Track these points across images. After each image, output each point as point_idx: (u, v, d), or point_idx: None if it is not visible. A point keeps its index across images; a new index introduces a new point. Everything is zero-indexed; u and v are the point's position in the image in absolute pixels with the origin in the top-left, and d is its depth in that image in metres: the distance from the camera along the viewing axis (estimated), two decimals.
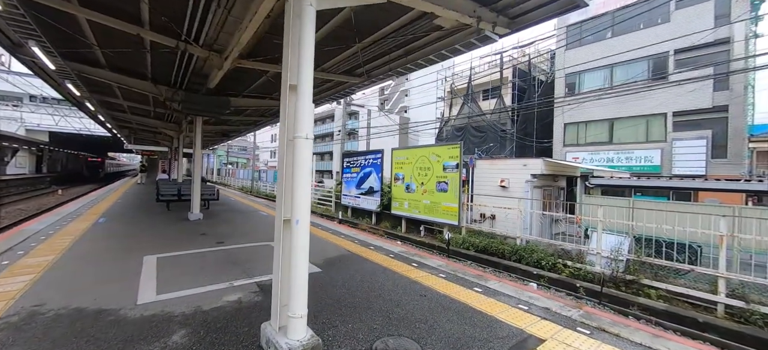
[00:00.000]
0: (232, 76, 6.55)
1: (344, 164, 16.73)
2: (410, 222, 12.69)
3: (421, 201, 11.98)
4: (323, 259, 5.54)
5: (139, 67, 6.98)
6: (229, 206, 12.26)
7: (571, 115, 18.28)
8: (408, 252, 6.38)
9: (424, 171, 11.98)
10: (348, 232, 8.23)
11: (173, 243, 6.16)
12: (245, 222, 8.63)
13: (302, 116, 2.41)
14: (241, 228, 7.93)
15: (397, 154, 13.47)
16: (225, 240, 6.46)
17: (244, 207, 12.13)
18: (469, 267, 6.63)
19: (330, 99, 9.06)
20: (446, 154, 11.14)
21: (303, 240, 2.50)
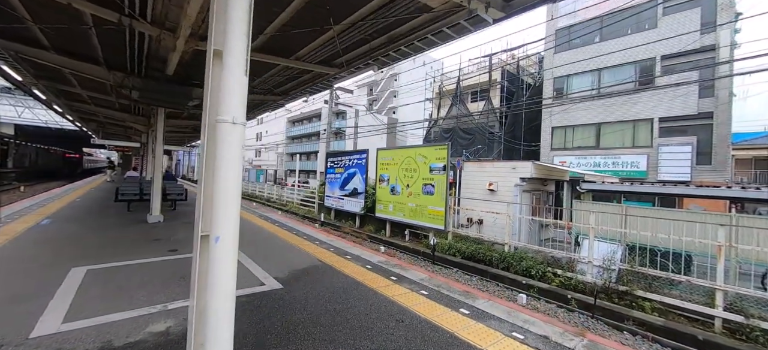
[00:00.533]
0: (193, 62, 5.82)
1: (328, 164, 16.03)
2: (395, 226, 12.10)
3: (406, 204, 11.42)
4: (289, 272, 4.86)
5: (88, 50, 6.15)
6: None
7: (559, 118, 18.12)
8: (388, 261, 5.74)
9: (410, 172, 11.43)
10: (325, 238, 7.54)
11: (117, 250, 5.37)
12: None
13: (230, 93, 1.77)
14: None
15: (382, 155, 12.88)
16: (180, 248, 5.71)
17: None
18: (455, 282, 6.05)
19: (308, 92, 8.38)
20: (433, 155, 10.61)
21: (227, 265, 1.84)
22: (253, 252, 5.59)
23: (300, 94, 8.29)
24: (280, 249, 5.80)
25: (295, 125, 50.69)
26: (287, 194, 20.76)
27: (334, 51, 5.35)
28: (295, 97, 8.58)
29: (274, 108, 11.20)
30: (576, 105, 17.18)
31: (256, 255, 5.44)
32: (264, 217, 9.81)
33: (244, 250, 5.59)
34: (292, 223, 9.07)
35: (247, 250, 5.61)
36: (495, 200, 9.41)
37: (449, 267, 8.66)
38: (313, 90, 8.17)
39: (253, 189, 25.80)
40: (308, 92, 8.37)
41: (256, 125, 63.79)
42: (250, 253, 5.48)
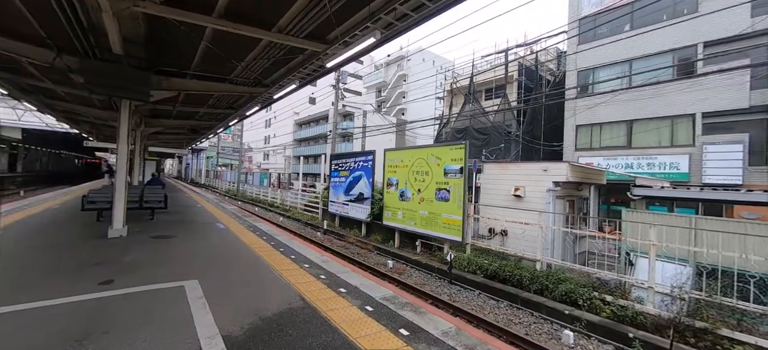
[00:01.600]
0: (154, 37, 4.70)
1: (332, 167, 14.87)
2: (405, 235, 10.81)
3: (417, 211, 10.13)
4: (251, 323, 3.30)
5: (25, 26, 5.09)
6: (182, 216, 9.75)
7: (584, 115, 16.55)
8: (396, 297, 4.28)
9: (421, 176, 10.14)
10: (318, 258, 6.07)
11: (38, 281, 4.12)
12: (181, 243, 6.34)
13: None
14: (168, 252, 5.70)
15: (390, 156, 11.63)
16: (119, 278, 4.30)
17: (200, 219, 9.53)
18: (495, 339, 4.60)
19: (300, 79, 7.18)
20: (448, 155, 9.31)
21: None
22: (214, 286, 4.18)
23: (291, 80, 7.12)
24: (256, 279, 4.45)
25: (302, 127, 49.94)
26: (290, 198, 19.69)
27: (324, 17, 4.14)
28: (286, 85, 7.42)
29: (265, 103, 10.09)
30: (603, 100, 15.62)
31: (215, 292, 3.98)
32: (253, 228, 8.61)
33: (205, 281, 4.39)
34: (285, 237, 7.79)
35: (208, 281, 4.33)
36: (522, 208, 8.03)
37: (469, 288, 7.32)
38: (307, 76, 7.00)
39: (257, 194, 24.87)
40: (300, 79, 7.20)
41: (263, 128, 63.43)
42: (209, 288, 4.10)
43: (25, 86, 7.89)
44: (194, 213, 11.03)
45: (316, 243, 10.86)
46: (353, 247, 10.85)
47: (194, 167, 60.72)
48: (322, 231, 13.17)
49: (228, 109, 10.66)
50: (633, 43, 14.95)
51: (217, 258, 5.49)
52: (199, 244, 6.40)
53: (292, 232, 12.62)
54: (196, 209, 12.01)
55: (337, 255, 9.45)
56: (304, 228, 14.36)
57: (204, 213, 11.03)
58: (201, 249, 6.11)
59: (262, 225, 9.05)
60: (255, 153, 63.21)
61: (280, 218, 16.45)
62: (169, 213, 9.74)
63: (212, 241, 6.73)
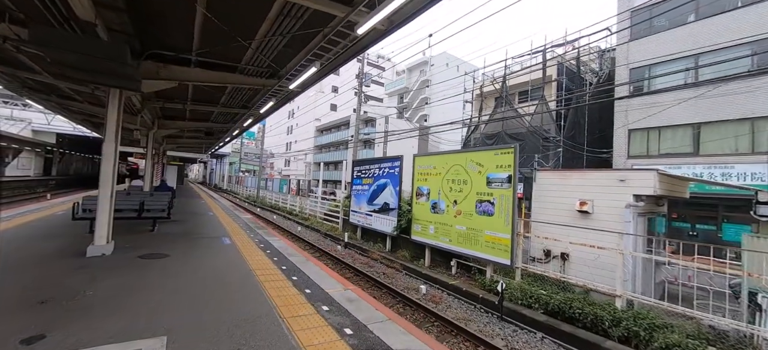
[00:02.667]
0: None
1: (354, 174, 13.71)
2: (437, 253, 9.41)
3: (452, 226, 8.72)
4: None
5: None
6: (187, 227, 8.60)
7: (638, 118, 14.57)
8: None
9: (458, 185, 8.75)
10: (341, 295, 4.89)
11: None
12: (172, 266, 5.14)
13: None
14: (148, 282, 4.44)
15: (420, 162, 10.31)
16: (56, 331, 3.01)
17: (207, 231, 8.31)
18: None
19: (322, 62, 5.98)
20: (492, 161, 7.88)
21: None
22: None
23: (310, 64, 5.97)
24: (252, 338, 3.19)
25: (323, 134, 49.58)
26: (309, 206, 18.71)
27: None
28: (304, 70, 6.27)
29: (282, 100, 9.04)
30: (663, 101, 13.65)
31: None
32: (265, 244, 7.45)
33: (175, 340, 3.08)
34: (300, 257, 6.55)
35: (179, 341, 3.02)
36: (590, 226, 6.46)
37: (528, 329, 5.80)
38: (331, 58, 5.85)
39: (276, 200, 24.15)
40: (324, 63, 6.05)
41: (285, 135, 63.88)
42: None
43: (26, 81, 7.28)
44: (202, 223, 9.96)
45: (335, 260, 9.65)
46: (378, 265, 9.55)
47: (218, 173, 61.80)
48: (342, 244, 11.97)
49: (242, 108, 9.77)
50: (700, 34, 12.98)
51: (207, 295, 4.18)
52: (193, 269, 5.15)
53: (309, 247, 11.51)
54: (206, 218, 11.03)
55: (362, 277, 8.17)
56: (322, 239, 13.23)
57: (213, 224, 9.95)
58: (192, 277, 4.80)
59: (275, 241, 7.86)
60: (276, 159, 63.67)
61: (298, 228, 15.44)
62: (175, 223, 8.83)
63: (211, 265, 5.41)
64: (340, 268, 9.00)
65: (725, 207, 12.54)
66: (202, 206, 14.44)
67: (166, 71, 5.60)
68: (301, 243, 12.03)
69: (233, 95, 8.32)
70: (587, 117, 17.49)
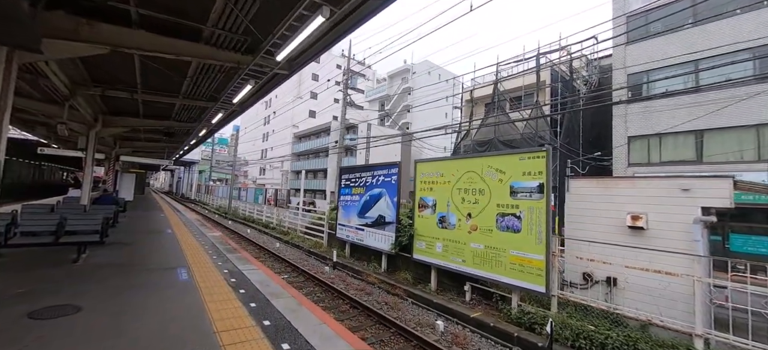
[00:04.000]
0: None
1: (342, 183, 12.14)
2: (445, 275, 8.03)
3: (466, 244, 7.38)
4: None
5: None
6: (129, 255, 6.31)
7: (639, 124, 14.08)
8: None
9: (472, 195, 7.44)
10: (325, 329, 3.35)
11: None
12: (88, 324, 3.33)
13: None
14: None
15: (424, 169, 8.95)
16: None
17: (156, 260, 6.19)
18: None
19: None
20: (517, 168, 6.65)
21: None
22: None
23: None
24: None
25: (301, 141, 47.40)
26: (289, 218, 16.80)
27: None
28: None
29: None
30: (662, 107, 13.23)
31: None
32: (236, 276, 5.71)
33: None
34: (278, 286, 4.96)
35: None
36: (644, 245, 5.31)
37: None
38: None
39: (250, 212, 21.92)
40: None
41: (261, 141, 60.86)
42: None
43: None
44: (154, 247, 7.55)
45: (325, 288, 8.00)
46: (377, 291, 7.99)
47: (185, 181, 57.57)
48: (330, 264, 10.30)
49: (209, 101, 7.91)
50: (700, 39, 12.70)
51: None
52: (116, 335, 3.18)
53: (290, 269, 9.75)
54: (162, 239, 8.65)
55: (362, 311, 6.58)
56: (306, 259, 11.47)
57: (168, 247, 7.60)
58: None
59: (251, 272, 5.95)
60: (251, 166, 60.43)
61: (276, 244, 13.54)
62: (113, 249, 6.58)
63: (148, 324, 3.41)
64: (332, 298, 7.36)
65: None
66: (160, 222, 12.21)
67: (90, 30, 3.91)
68: (281, 266, 10.23)
69: (199, 81, 6.58)
70: (581, 123, 16.99)
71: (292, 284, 8.16)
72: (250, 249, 12.20)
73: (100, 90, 6.74)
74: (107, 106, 8.68)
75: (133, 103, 8.11)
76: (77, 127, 8.58)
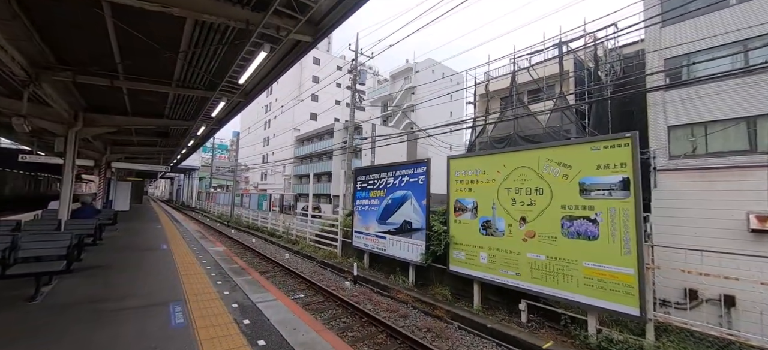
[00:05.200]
0: None
1: (358, 185, 10.90)
2: (491, 290, 6.79)
3: (520, 253, 6.14)
4: None
5: None
6: (113, 285, 5.08)
7: (679, 113, 12.82)
8: None
9: (526, 195, 6.21)
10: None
11: None
12: None
13: None
14: None
15: (459, 166, 7.72)
16: None
17: (147, 290, 4.92)
18: None
19: None
20: (589, 160, 5.42)
21: None
22: None
23: None
24: None
25: (303, 144, 46.21)
26: (296, 226, 15.55)
27: None
28: None
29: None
30: (706, 93, 11.98)
31: None
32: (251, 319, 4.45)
33: None
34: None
35: None
36: None
37: None
38: None
39: (254, 219, 20.66)
40: None
41: (262, 146, 59.68)
42: None
43: None
44: (142, 271, 6.13)
45: (351, 310, 6.74)
46: (413, 312, 6.73)
47: (186, 189, 56.31)
48: (350, 278, 9.04)
49: (208, 90, 6.66)
50: (745, 16, 11.47)
51: None
52: None
53: (305, 285, 8.48)
54: (154, 258, 7.23)
55: (402, 341, 5.31)
56: (321, 272, 10.21)
57: (161, 270, 6.25)
58: None
59: (269, 306, 4.62)
60: (252, 172, 59.24)
61: (286, 255, 12.29)
62: (89, 277, 5.25)
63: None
64: (361, 324, 6.09)
65: None
66: (155, 235, 10.93)
67: None
68: (295, 283, 8.98)
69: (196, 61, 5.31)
70: (610, 111, 15.79)
71: (310, 306, 6.93)
72: (258, 264, 10.95)
73: (71, 74, 5.50)
74: (87, 99, 7.41)
75: (117, 96, 6.83)
76: (52, 127, 7.31)
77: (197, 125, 8.97)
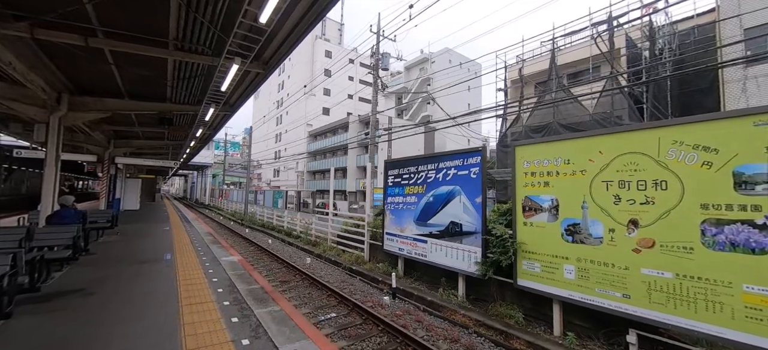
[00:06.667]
0: None
1: (390, 180, 9.45)
2: (579, 313, 5.25)
3: (630, 268, 4.59)
4: None
5: None
6: (82, 326, 3.64)
7: (762, 92, 10.90)
8: None
9: (639, 191, 4.63)
10: None
11: None
12: None
13: None
14: None
15: (528, 154, 6.16)
16: None
17: (134, 336, 3.46)
18: None
19: None
20: (749, 140, 3.80)
21: None
22: None
23: None
24: None
25: (316, 139, 45.05)
26: (316, 226, 14.23)
27: None
28: None
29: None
30: None
31: None
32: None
33: None
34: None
35: None
36: None
37: None
38: None
39: (269, 218, 19.49)
40: None
41: (274, 143, 58.94)
42: None
43: None
44: (125, 305, 4.50)
45: (396, 334, 5.31)
46: (481, 344, 5.25)
47: (199, 186, 56.05)
48: (387, 290, 7.62)
49: (215, 57, 5.23)
50: None
51: None
52: None
53: (336, 300, 7.09)
54: (149, 276, 5.85)
55: None
56: (350, 282, 8.82)
57: (153, 300, 4.75)
58: None
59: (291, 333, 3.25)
60: (264, 168, 58.59)
61: (307, 259, 10.96)
62: (37, 321, 3.72)
63: None
64: None
65: None
66: (160, 240, 9.69)
67: None
68: (322, 296, 7.62)
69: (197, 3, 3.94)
70: (669, 97, 13.87)
71: (348, 332, 5.52)
72: (278, 270, 9.66)
73: (27, 27, 4.16)
74: (70, 77, 6.13)
75: (104, 71, 5.51)
76: (30, 112, 6.03)
77: (204, 109, 7.63)
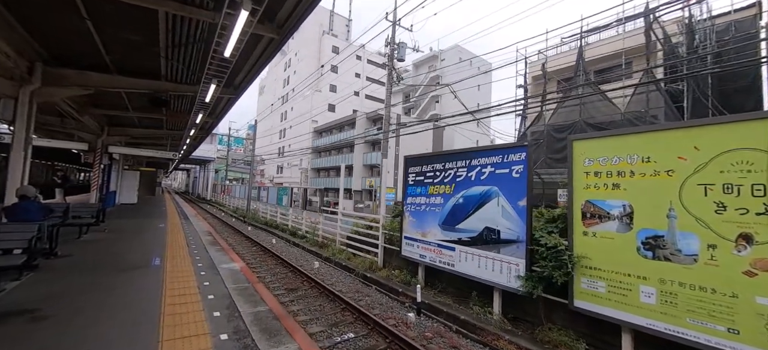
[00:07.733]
0: None
1: (410, 179, 8.46)
2: (652, 344, 4.21)
3: (740, 295, 3.56)
4: None
5: None
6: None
7: None
8: None
9: (750, 197, 3.59)
10: None
11: None
12: None
13: None
14: None
15: (592, 150, 5.13)
16: None
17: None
18: None
19: None
20: None
21: None
22: None
23: None
24: None
25: (322, 135, 44.12)
26: (323, 226, 13.26)
27: None
28: None
29: None
30: None
31: None
32: None
33: None
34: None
35: None
36: None
37: None
38: None
39: (272, 216, 18.56)
40: None
41: (277, 139, 58.10)
42: None
43: None
44: (99, 317, 3.70)
45: None
46: None
47: (201, 181, 55.37)
48: (411, 305, 6.62)
49: (216, 11, 4.25)
50: None
51: None
52: None
53: (352, 315, 6.09)
54: (127, 291, 4.67)
55: None
56: (365, 292, 7.83)
57: (135, 313, 3.90)
58: None
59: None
60: (267, 165, 57.76)
61: (315, 263, 9.99)
62: None
63: None
64: None
65: None
66: (151, 240, 8.71)
67: None
68: (336, 310, 6.65)
69: None
70: (710, 94, 12.77)
71: None
72: (282, 275, 8.70)
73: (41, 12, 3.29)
74: (43, 43, 5.14)
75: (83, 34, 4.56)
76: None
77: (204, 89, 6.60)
